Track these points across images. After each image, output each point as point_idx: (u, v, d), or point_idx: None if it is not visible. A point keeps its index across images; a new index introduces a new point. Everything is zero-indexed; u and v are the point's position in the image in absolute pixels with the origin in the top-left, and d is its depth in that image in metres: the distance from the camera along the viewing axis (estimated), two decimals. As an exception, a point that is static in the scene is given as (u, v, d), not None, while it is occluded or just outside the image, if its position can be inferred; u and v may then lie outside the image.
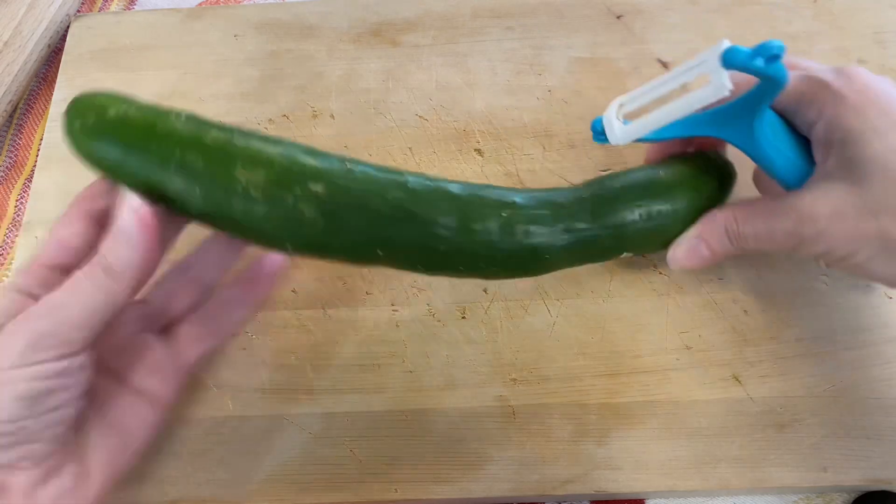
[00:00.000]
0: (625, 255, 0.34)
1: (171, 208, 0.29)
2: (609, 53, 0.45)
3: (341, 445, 0.35)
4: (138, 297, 0.33)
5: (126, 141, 0.28)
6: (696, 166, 0.34)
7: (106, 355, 0.31)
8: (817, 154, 0.29)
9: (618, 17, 0.47)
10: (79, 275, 0.26)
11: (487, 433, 0.35)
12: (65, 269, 0.27)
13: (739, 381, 0.36)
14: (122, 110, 0.29)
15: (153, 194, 0.28)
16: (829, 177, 0.28)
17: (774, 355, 0.36)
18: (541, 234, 0.31)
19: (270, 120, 0.44)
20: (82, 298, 0.26)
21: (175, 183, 0.28)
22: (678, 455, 0.35)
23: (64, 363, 0.25)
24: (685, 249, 0.32)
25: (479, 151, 0.42)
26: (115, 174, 0.29)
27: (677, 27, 0.46)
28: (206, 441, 0.36)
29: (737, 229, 0.31)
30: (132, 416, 0.30)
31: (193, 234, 0.33)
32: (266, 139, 0.29)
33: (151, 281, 0.31)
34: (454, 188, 0.30)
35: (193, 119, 0.29)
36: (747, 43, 0.45)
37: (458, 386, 0.36)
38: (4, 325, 0.26)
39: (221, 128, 0.29)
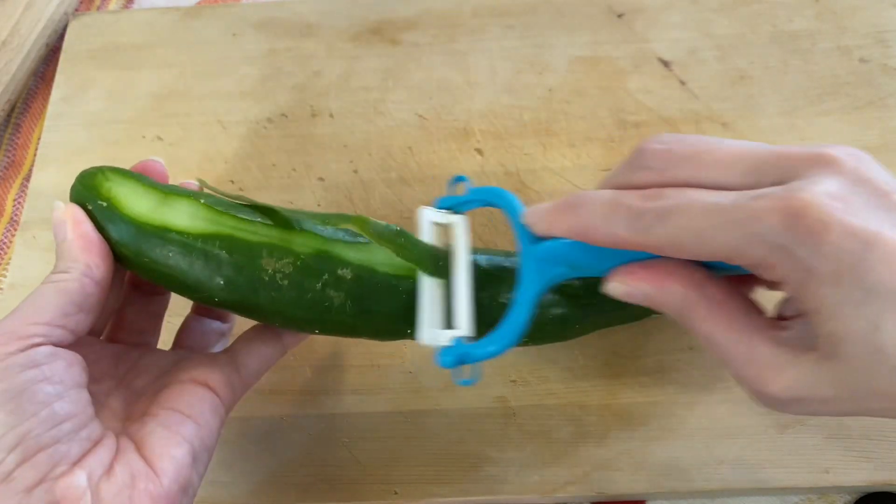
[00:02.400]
0: None
1: (190, 297, 0.29)
2: (610, 52, 0.45)
3: (341, 446, 0.35)
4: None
5: (140, 231, 0.28)
6: None
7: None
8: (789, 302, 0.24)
9: (619, 16, 0.46)
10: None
11: (487, 434, 0.35)
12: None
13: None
14: (135, 204, 0.28)
15: (172, 284, 0.29)
16: (796, 338, 0.23)
17: (775, 356, 0.36)
18: (563, 307, 0.31)
19: (269, 119, 0.44)
20: (33, 298, 0.26)
21: (195, 272, 0.28)
22: (679, 456, 0.34)
23: (27, 354, 0.24)
24: (627, 292, 0.25)
25: (479, 151, 0.42)
26: (128, 260, 0.29)
27: (678, 26, 0.46)
28: (205, 442, 0.36)
29: (687, 317, 0.24)
30: (190, 397, 0.28)
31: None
32: (288, 219, 0.29)
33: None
34: (482, 261, 0.30)
35: (210, 203, 0.29)
36: (747, 43, 0.45)
37: (457, 387, 0.36)
38: None
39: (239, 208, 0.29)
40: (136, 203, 0.28)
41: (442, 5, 0.47)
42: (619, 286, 0.24)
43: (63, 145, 0.44)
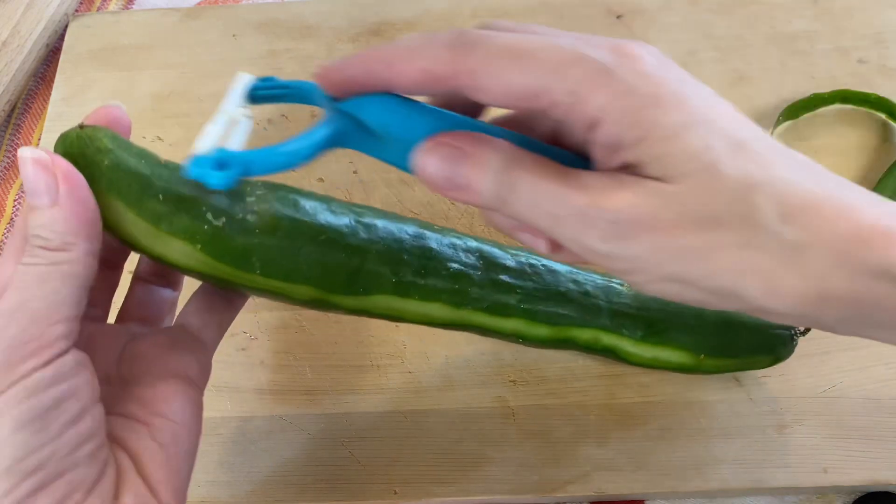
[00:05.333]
0: None
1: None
2: (609, 53, 0.45)
3: (340, 446, 0.35)
4: None
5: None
6: None
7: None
8: (598, 153, 0.22)
9: (618, 17, 0.46)
10: (20, 267, 0.22)
11: (487, 434, 0.35)
12: None
13: (739, 382, 0.36)
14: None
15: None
16: (625, 173, 0.21)
17: (775, 356, 0.36)
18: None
19: (269, 120, 0.44)
20: (36, 289, 0.22)
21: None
22: (678, 456, 0.34)
23: (54, 366, 0.21)
24: (439, 160, 0.22)
25: (478, 151, 0.42)
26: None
27: (677, 27, 0.46)
28: (205, 442, 0.36)
29: (514, 176, 0.21)
30: (175, 398, 0.26)
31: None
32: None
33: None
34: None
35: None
36: (745, 44, 0.45)
37: (457, 387, 0.36)
38: None
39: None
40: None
41: (441, 6, 0.47)
42: (432, 155, 0.22)
43: (63, 146, 0.44)
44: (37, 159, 0.22)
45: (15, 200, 0.45)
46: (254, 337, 0.38)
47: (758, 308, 0.21)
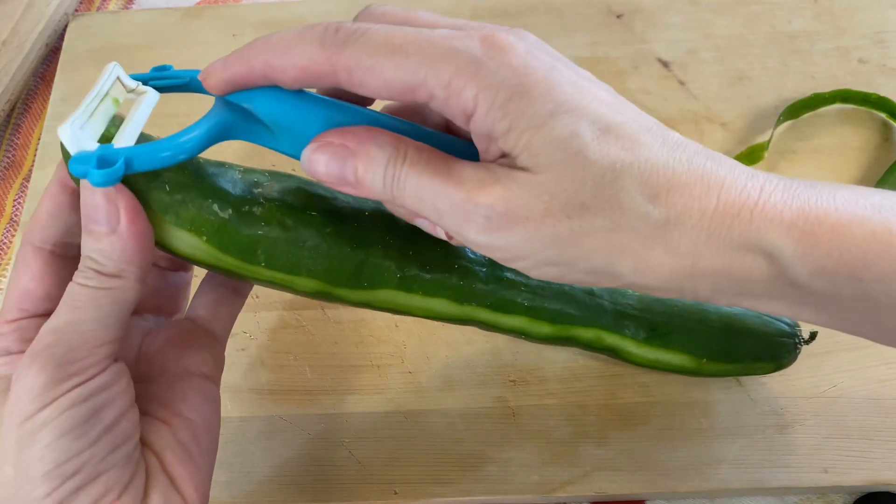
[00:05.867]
0: None
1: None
2: (609, 53, 0.45)
3: (340, 447, 0.35)
4: None
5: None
6: None
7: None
8: (479, 144, 0.22)
9: (618, 17, 0.46)
10: (73, 286, 0.23)
11: (487, 434, 0.35)
12: (44, 318, 0.24)
13: (740, 382, 0.36)
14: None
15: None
16: (501, 165, 0.22)
17: (775, 356, 0.36)
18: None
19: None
20: (88, 311, 0.23)
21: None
22: (678, 456, 0.34)
23: (97, 380, 0.22)
24: (328, 158, 0.22)
25: (478, 151, 0.42)
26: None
27: (677, 26, 0.46)
28: (205, 442, 0.36)
29: (399, 172, 0.22)
30: (194, 396, 0.27)
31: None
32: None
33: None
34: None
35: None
36: (746, 43, 0.45)
37: (457, 387, 0.36)
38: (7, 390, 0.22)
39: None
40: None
41: (441, 6, 0.47)
42: (320, 152, 0.22)
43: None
44: (102, 193, 0.22)
45: (15, 200, 0.45)
46: (254, 337, 0.38)
47: (632, 284, 0.22)
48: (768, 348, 0.33)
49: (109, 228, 0.23)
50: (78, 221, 0.23)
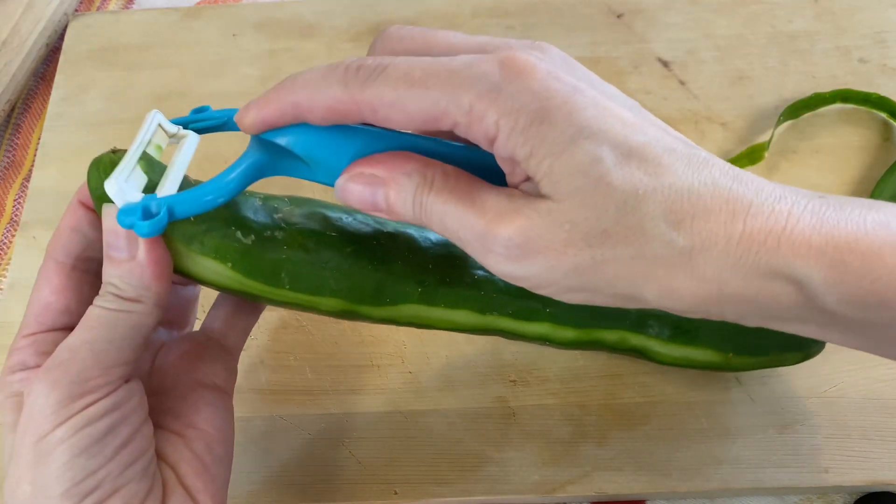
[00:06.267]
0: None
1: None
2: (609, 52, 0.45)
3: (340, 446, 0.35)
4: None
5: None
6: None
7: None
8: (504, 166, 0.23)
9: (618, 17, 0.46)
10: (93, 309, 0.24)
11: (487, 434, 0.35)
12: (61, 332, 0.24)
13: (740, 382, 0.36)
14: None
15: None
16: (525, 193, 0.22)
17: (775, 356, 0.36)
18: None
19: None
20: (104, 331, 0.23)
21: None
22: (679, 456, 0.34)
23: (110, 399, 0.23)
24: (360, 189, 0.23)
25: (478, 151, 0.42)
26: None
27: (678, 26, 0.46)
28: (205, 442, 0.36)
29: (426, 200, 0.22)
30: (207, 408, 0.27)
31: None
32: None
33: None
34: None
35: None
36: (746, 43, 0.45)
37: (457, 387, 0.36)
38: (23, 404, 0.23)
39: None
40: None
41: (441, 5, 0.47)
42: (352, 181, 0.23)
43: (63, 145, 0.44)
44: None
45: (15, 200, 0.45)
46: (254, 337, 0.38)
47: (658, 307, 0.22)
48: (795, 338, 0.32)
49: (129, 255, 0.23)
50: (99, 237, 0.24)
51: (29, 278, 0.40)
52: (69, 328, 0.24)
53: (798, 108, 0.42)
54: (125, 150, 0.25)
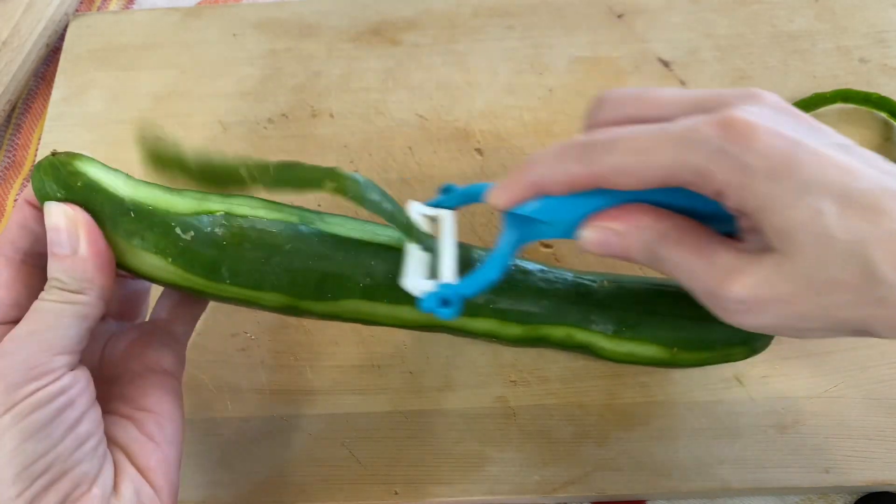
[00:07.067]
0: None
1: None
2: (610, 52, 0.45)
3: (340, 447, 0.35)
4: None
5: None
6: None
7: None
8: (735, 216, 0.24)
9: (619, 17, 0.46)
10: (38, 303, 0.25)
11: (487, 434, 0.35)
12: (11, 326, 0.25)
13: (741, 382, 0.36)
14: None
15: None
16: (754, 248, 0.24)
17: (776, 356, 0.36)
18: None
19: (269, 119, 0.44)
20: (49, 321, 0.24)
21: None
22: (679, 456, 0.34)
23: (56, 385, 0.24)
24: (599, 238, 0.26)
25: (479, 151, 0.42)
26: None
27: (678, 26, 0.46)
28: (206, 442, 0.36)
29: (657, 249, 0.25)
30: (155, 391, 0.28)
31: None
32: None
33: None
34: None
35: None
36: (747, 43, 0.45)
37: (457, 387, 0.36)
38: None
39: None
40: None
41: (442, 6, 0.47)
42: (592, 232, 0.25)
43: (63, 145, 0.44)
44: (62, 212, 0.25)
45: (15, 200, 0.45)
46: (254, 337, 0.38)
47: (885, 338, 0.23)
48: (738, 332, 0.32)
49: (72, 250, 0.25)
50: (45, 233, 0.25)
51: (29, 278, 0.40)
52: (18, 321, 0.25)
53: (799, 108, 0.42)
54: (66, 153, 0.26)
